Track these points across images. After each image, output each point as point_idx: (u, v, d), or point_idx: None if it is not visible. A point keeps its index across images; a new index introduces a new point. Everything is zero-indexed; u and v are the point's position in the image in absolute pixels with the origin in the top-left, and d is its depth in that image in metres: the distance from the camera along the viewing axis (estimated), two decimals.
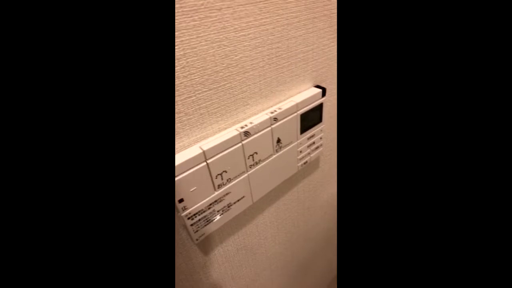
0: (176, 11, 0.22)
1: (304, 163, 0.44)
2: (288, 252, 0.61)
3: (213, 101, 0.29)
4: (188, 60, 0.25)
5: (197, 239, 0.33)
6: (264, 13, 0.28)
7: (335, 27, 0.38)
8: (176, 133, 0.27)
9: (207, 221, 0.33)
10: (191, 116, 0.28)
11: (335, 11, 0.36)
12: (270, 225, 0.49)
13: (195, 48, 0.25)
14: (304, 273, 0.76)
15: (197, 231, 0.33)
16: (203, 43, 0.25)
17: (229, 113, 0.31)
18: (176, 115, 0.27)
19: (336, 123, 0.50)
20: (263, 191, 0.39)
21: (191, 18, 0.23)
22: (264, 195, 0.40)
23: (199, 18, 0.24)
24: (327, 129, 0.48)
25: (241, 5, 0.26)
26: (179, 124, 0.27)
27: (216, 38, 0.26)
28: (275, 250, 0.56)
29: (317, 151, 0.45)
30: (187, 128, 0.28)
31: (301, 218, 0.57)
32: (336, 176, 0.60)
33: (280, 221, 0.51)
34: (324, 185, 0.58)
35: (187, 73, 0.25)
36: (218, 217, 0.34)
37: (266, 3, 0.28)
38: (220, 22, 0.25)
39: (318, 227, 0.68)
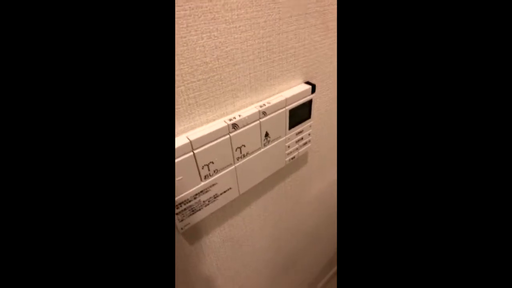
0: None
1: (292, 158, 0.45)
2: (275, 245, 0.62)
3: (202, 91, 0.29)
4: (177, 49, 0.25)
5: (182, 228, 0.34)
6: (255, 6, 0.28)
7: (327, 24, 0.38)
8: None
9: (193, 210, 0.34)
10: (179, 106, 0.28)
11: (328, 7, 0.37)
12: (257, 218, 0.50)
13: (185, 37, 0.25)
14: (291, 266, 0.78)
15: (182, 220, 0.33)
16: (192, 33, 0.25)
17: (217, 105, 0.31)
18: None
19: (325, 120, 0.51)
20: (250, 184, 0.40)
21: (181, 7, 0.23)
22: (251, 188, 0.41)
23: (190, 7, 0.24)
24: (316, 125, 0.49)
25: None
26: None
27: (206, 29, 0.26)
28: (262, 243, 0.57)
29: (305, 147, 0.46)
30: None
31: (289, 213, 0.58)
32: (324, 171, 0.61)
33: (267, 215, 0.52)
34: (312, 181, 0.59)
35: (176, 62, 0.25)
36: (204, 207, 0.35)
37: None
38: (211, 12, 0.25)
39: (306, 222, 0.69)
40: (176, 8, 0.23)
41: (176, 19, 0.24)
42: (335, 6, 0.37)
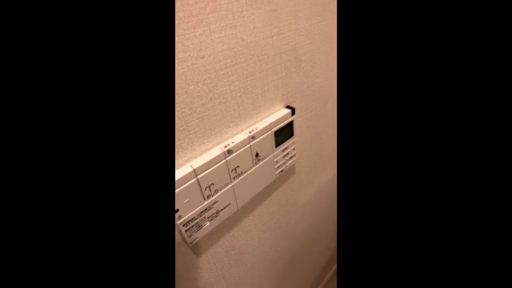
0: None
1: (281, 171, 0.51)
2: (273, 250, 0.67)
3: (200, 127, 0.35)
4: (179, 98, 0.31)
5: (191, 243, 0.39)
6: (238, 54, 0.35)
7: (300, 57, 0.45)
8: None
9: (199, 226, 0.39)
10: (182, 141, 0.34)
11: (299, 45, 0.44)
12: (255, 227, 0.55)
13: (183, 88, 0.31)
14: (290, 269, 0.83)
15: (190, 235, 0.38)
16: (190, 84, 0.31)
17: (214, 135, 0.37)
18: None
19: (307, 135, 0.57)
20: (246, 198, 0.46)
21: (180, 66, 0.30)
22: (248, 201, 0.47)
23: (187, 66, 0.30)
24: (300, 140, 0.55)
25: (220, 51, 0.33)
26: None
27: (200, 78, 0.32)
28: (261, 250, 0.62)
29: (291, 160, 0.53)
30: (179, 150, 0.34)
31: (283, 219, 0.64)
32: (311, 179, 0.68)
33: (264, 223, 0.58)
34: (301, 189, 0.65)
35: (178, 107, 0.32)
36: (208, 223, 0.40)
37: (240, 47, 0.35)
38: (203, 66, 0.32)
39: (300, 227, 0.75)
40: (176, 67, 0.29)
41: (177, 76, 0.30)
42: (305, 43, 0.45)
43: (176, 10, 0.27)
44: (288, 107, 0.47)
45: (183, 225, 0.37)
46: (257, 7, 0.34)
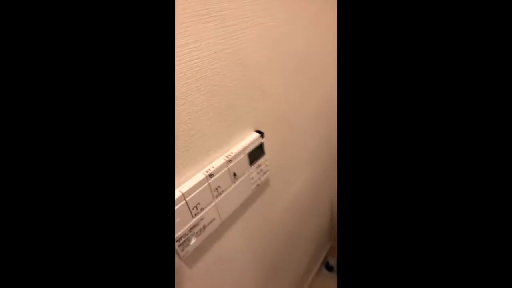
0: None
1: (257, 185, 0.60)
2: (256, 257, 0.75)
3: (185, 158, 0.43)
4: None
5: (183, 256, 0.46)
6: (212, 97, 0.44)
7: (265, 91, 0.55)
8: None
9: (189, 241, 0.46)
10: None
11: (263, 81, 0.53)
12: (238, 237, 0.63)
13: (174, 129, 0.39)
14: (274, 272, 0.90)
15: (183, 250, 0.45)
16: (176, 125, 0.39)
17: (196, 163, 0.45)
18: None
19: (278, 152, 0.67)
20: (228, 212, 0.53)
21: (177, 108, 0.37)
22: (230, 215, 0.54)
23: (177, 110, 0.38)
24: (271, 157, 0.64)
25: (197, 97, 0.41)
26: None
27: (183, 120, 0.40)
28: (246, 257, 0.69)
29: (265, 175, 0.61)
30: None
31: (262, 228, 0.72)
32: (285, 190, 0.77)
33: (247, 232, 0.65)
34: (277, 200, 0.74)
35: None
36: (197, 237, 0.47)
37: (214, 91, 0.43)
38: (184, 110, 0.40)
39: (278, 235, 0.83)
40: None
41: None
42: (267, 79, 0.54)
43: None
44: (257, 131, 0.56)
45: (176, 241, 0.43)
46: (224, 59, 0.43)
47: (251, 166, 0.55)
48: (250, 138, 0.54)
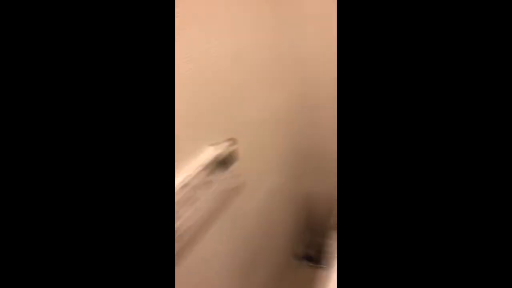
0: None
1: (231, 190, 0.64)
2: (233, 259, 0.79)
3: None
4: None
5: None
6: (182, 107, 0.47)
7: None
8: None
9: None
10: None
11: (230, 92, 0.58)
12: (220, 244, 0.67)
13: None
14: (253, 272, 0.94)
15: None
16: None
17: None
18: None
19: (247, 160, 0.71)
20: (204, 218, 0.57)
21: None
22: (206, 224, 0.58)
23: None
24: (243, 163, 0.69)
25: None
26: None
27: None
28: (224, 259, 0.73)
29: (238, 180, 0.66)
30: None
31: (238, 230, 0.76)
32: (256, 194, 0.82)
33: (223, 237, 0.69)
34: (250, 201, 0.79)
35: None
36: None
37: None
38: None
39: (255, 234, 0.88)
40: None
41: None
42: (233, 90, 0.59)
43: None
44: (229, 139, 0.60)
45: None
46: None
47: (225, 171, 0.59)
48: (222, 145, 0.58)
